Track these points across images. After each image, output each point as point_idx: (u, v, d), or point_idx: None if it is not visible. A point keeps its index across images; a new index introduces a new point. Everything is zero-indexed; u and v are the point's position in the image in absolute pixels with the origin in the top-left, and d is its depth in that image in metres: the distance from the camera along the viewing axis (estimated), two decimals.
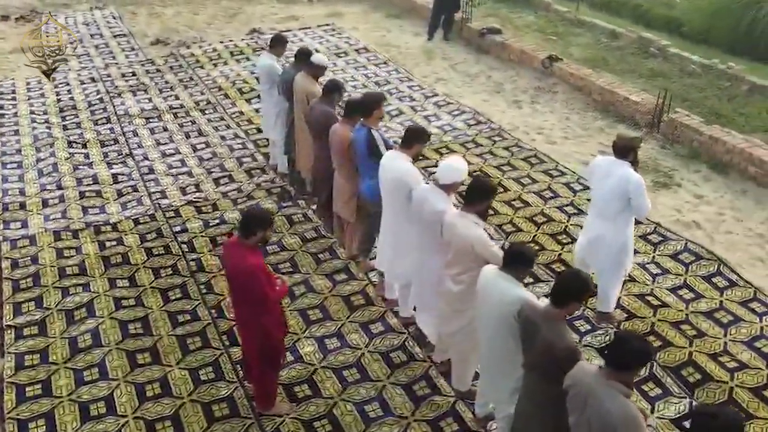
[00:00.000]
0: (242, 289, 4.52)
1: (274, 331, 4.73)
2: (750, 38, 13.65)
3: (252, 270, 4.43)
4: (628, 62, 11.83)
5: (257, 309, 4.58)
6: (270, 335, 4.70)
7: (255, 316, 4.61)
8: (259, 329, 4.65)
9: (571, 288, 3.79)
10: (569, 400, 3.62)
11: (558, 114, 9.71)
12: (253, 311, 4.60)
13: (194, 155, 8.78)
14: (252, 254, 4.50)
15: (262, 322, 4.63)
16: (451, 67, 11.41)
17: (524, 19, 13.88)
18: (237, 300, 4.68)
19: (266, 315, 4.65)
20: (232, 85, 10.76)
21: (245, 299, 4.55)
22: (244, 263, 4.44)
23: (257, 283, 4.46)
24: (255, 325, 4.64)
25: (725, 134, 8.39)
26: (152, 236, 7.14)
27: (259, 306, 4.56)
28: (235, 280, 4.56)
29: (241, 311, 4.70)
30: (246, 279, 4.45)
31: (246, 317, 4.67)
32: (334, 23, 13.40)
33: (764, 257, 6.83)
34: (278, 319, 4.78)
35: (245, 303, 4.58)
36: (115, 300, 6.20)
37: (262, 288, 4.48)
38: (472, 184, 4.74)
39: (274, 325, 4.73)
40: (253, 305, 4.56)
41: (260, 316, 4.61)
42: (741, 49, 13.56)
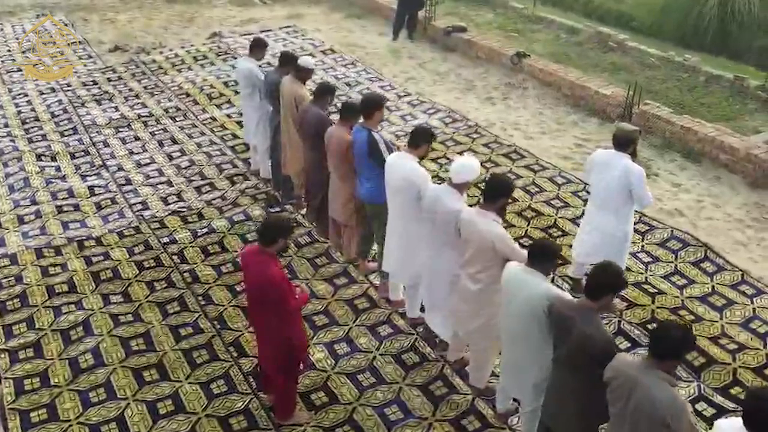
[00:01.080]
0: (264, 299, 4.43)
1: (296, 339, 4.67)
2: (697, 31, 14.18)
3: (275, 279, 4.36)
4: (590, 57, 12.10)
5: (279, 318, 4.51)
6: (292, 344, 4.64)
7: (277, 326, 4.54)
8: (282, 338, 4.58)
9: (605, 281, 3.86)
10: (612, 392, 3.69)
11: (531, 109, 9.87)
12: (275, 320, 4.52)
13: (171, 164, 8.57)
14: (273, 263, 4.44)
15: (285, 331, 4.56)
16: (420, 66, 11.46)
17: (483, 17, 14.04)
18: (258, 309, 4.59)
19: (288, 324, 4.58)
20: (200, 90, 10.54)
21: (267, 308, 4.47)
22: (267, 272, 4.37)
23: (280, 292, 4.39)
24: (277, 335, 4.57)
25: (696, 124, 8.68)
26: (140, 249, 6.94)
27: (281, 315, 4.50)
28: (256, 290, 4.47)
29: (262, 321, 4.61)
30: (268, 288, 4.37)
31: (267, 327, 4.59)
32: (295, 25, 13.29)
33: (745, 241, 7.10)
34: (300, 328, 4.72)
35: (267, 312, 4.50)
36: (112, 316, 6.00)
37: (285, 297, 4.41)
38: (490, 181, 4.78)
39: (296, 333, 4.67)
40: (275, 314, 4.49)
41: (282, 325, 4.54)
42: (689, 41, 14.09)
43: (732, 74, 11.08)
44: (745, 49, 13.89)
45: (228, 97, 10.32)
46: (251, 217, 7.36)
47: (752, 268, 6.64)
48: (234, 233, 7.15)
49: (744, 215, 7.49)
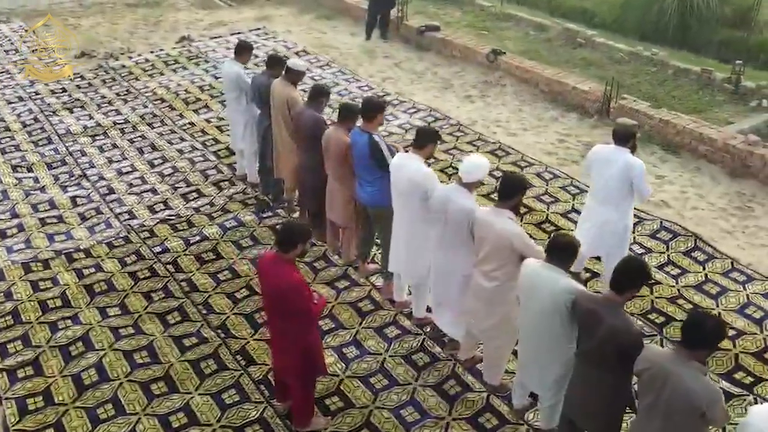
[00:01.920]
0: (284, 305, 4.38)
1: (315, 345, 4.64)
2: (658, 26, 14.51)
3: (296, 285, 4.32)
4: (560, 53, 12.27)
5: (299, 324, 4.47)
6: (312, 350, 4.61)
7: (297, 332, 4.49)
8: (302, 344, 4.54)
9: (631, 274, 3.92)
10: (644, 383, 3.74)
11: (510, 106, 9.96)
12: (296, 327, 4.48)
13: (153, 171, 8.40)
14: (292, 269, 4.39)
15: (305, 337, 4.53)
16: (396, 66, 11.47)
17: (452, 15, 14.12)
18: (277, 316, 4.53)
19: (308, 329, 4.55)
20: (175, 96, 10.35)
21: (287, 315, 4.42)
22: (287, 278, 4.32)
23: (301, 298, 4.35)
24: (297, 341, 4.52)
25: (673, 116, 8.90)
26: (132, 259, 6.79)
27: (301, 321, 4.45)
28: (276, 297, 4.41)
29: (281, 328, 4.55)
30: (289, 295, 4.32)
31: (287, 334, 4.53)
32: (265, 27, 13.15)
33: (730, 229, 7.30)
34: (317, 333, 4.68)
35: (287, 319, 4.44)
36: (112, 330, 5.86)
37: (306, 303, 4.37)
38: (504, 180, 4.81)
39: (314, 339, 4.64)
40: (295, 321, 4.44)
41: (303, 331, 4.50)
42: (650, 36, 14.40)
43: (699, 67, 11.39)
44: (705, 43, 14.25)
45: (205, 101, 10.16)
46: (243, 223, 7.27)
47: (740, 255, 6.83)
48: (227, 240, 7.05)
49: (727, 204, 7.70)
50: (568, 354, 4.45)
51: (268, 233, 7.12)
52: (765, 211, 7.60)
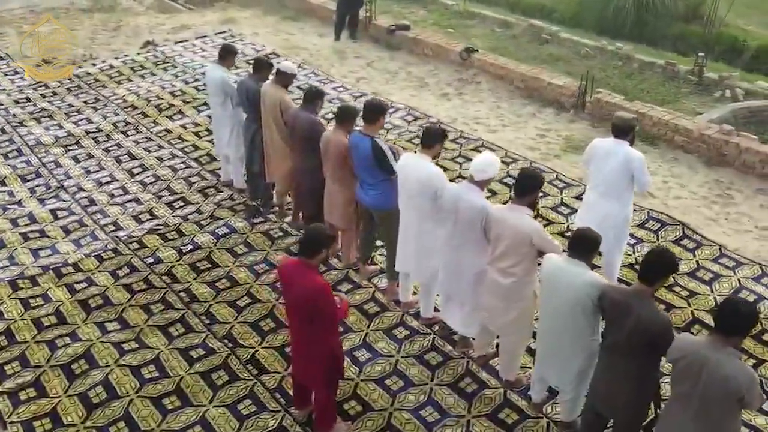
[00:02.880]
0: (310, 311, 4.31)
1: (338, 350, 4.60)
2: (616, 21, 14.87)
3: (322, 290, 4.28)
4: (527, 49, 12.46)
5: (325, 329, 4.43)
6: (336, 355, 4.57)
7: (323, 337, 4.45)
8: (327, 349, 4.49)
9: (661, 266, 4.00)
10: (679, 372, 3.80)
11: (488, 103, 10.06)
12: (321, 332, 4.43)
13: (134, 180, 8.18)
14: (317, 274, 4.34)
15: (330, 342, 4.49)
16: (369, 66, 11.45)
17: (417, 14, 14.18)
18: (302, 323, 4.45)
19: (332, 335, 4.51)
20: (147, 102, 10.10)
21: (313, 321, 4.36)
22: (312, 284, 4.27)
23: (328, 303, 4.31)
24: (322, 346, 4.48)
25: (649, 108, 9.12)
26: (125, 272, 6.60)
27: (327, 326, 4.41)
28: (301, 303, 4.33)
29: (306, 334, 4.48)
30: (316, 300, 4.27)
31: (313, 339, 4.47)
32: (231, 30, 12.96)
33: (714, 216, 7.53)
34: (339, 337, 4.64)
35: (312, 325, 4.38)
36: (115, 345, 5.68)
37: (332, 308, 4.34)
38: (521, 176, 4.84)
39: (338, 344, 4.61)
40: (321, 326, 4.40)
41: (328, 336, 4.47)
42: (609, 31, 14.72)
43: (663, 60, 11.71)
44: (661, 37, 14.67)
45: (178, 107, 9.95)
46: (236, 230, 7.15)
47: (727, 241, 7.05)
48: (221, 247, 6.92)
49: (707, 192, 7.93)
50: (590, 347, 4.52)
51: (262, 239, 7.02)
52: (744, 197, 7.86)
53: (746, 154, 8.19)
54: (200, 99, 10.14)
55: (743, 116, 9.83)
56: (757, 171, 8.13)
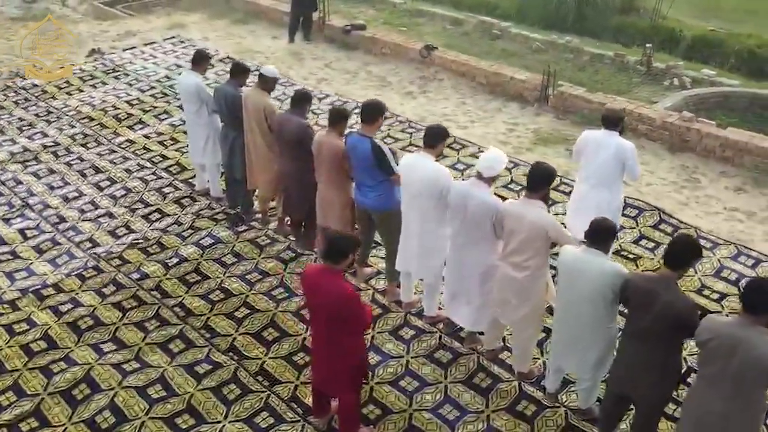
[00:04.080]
0: (340, 317, 4.26)
1: (365, 353, 4.58)
2: (558, 15, 15.25)
3: (351, 296, 4.25)
4: (480, 45, 12.65)
5: (354, 335, 4.40)
6: (363, 359, 4.55)
7: (351, 343, 4.42)
8: (354, 354, 4.47)
9: (686, 251, 4.12)
10: (708, 353, 3.92)
11: (453, 100, 10.14)
12: (349, 338, 4.39)
13: (103, 194, 7.88)
14: (344, 280, 4.31)
15: (357, 346, 4.47)
16: (327, 67, 11.37)
17: (366, 13, 14.19)
18: (330, 328, 4.37)
19: (360, 339, 4.48)
20: (104, 113, 9.74)
21: (342, 326, 4.31)
22: (341, 290, 4.23)
23: (357, 307, 4.28)
24: (350, 351, 4.45)
25: (611, 99, 9.39)
26: (111, 289, 6.36)
27: (356, 330, 4.38)
28: (329, 309, 4.26)
29: (333, 340, 4.41)
30: (346, 305, 4.23)
31: (340, 345, 4.41)
32: (179, 35, 12.63)
33: (685, 200, 7.82)
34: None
35: (341, 330, 4.33)
36: (115, 367, 5.46)
37: (362, 313, 4.31)
38: (534, 170, 4.90)
39: (364, 347, 4.58)
40: (350, 332, 4.36)
41: (356, 340, 4.45)
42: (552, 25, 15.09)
43: (612, 52, 12.09)
44: (601, 30, 15.12)
45: (138, 117, 9.63)
46: (221, 240, 6.98)
47: (701, 223, 7.34)
48: (208, 258, 6.74)
49: (676, 177, 8.24)
50: (608, 334, 4.64)
51: (249, 248, 6.87)
52: (709, 180, 8.20)
53: (707, 139, 8.54)
54: (160, 107, 9.86)
55: (694, 103, 10.26)
56: (718, 155, 8.49)
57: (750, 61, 13.22)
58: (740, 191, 7.99)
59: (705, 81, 11.11)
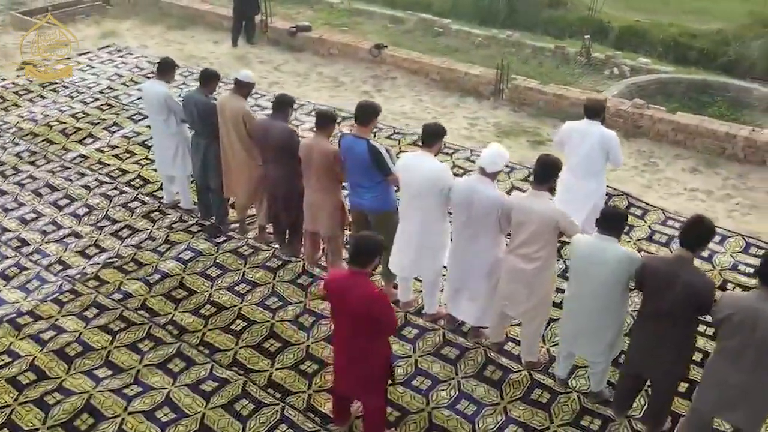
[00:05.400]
0: (369, 320, 4.21)
1: (391, 356, 4.56)
2: (490, 10, 15.59)
3: (382, 299, 4.22)
4: (423, 42, 12.75)
5: (382, 337, 4.37)
6: (389, 360, 4.53)
7: (379, 346, 4.40)
8: (382, 358, 4.45)
9: (704, 232, 4.29)
10: (729, 328, 4.09)
11: (409, 97, 10.18)
12: (378, 340, 4.37)
13: (64, 213, 7.50)
14: (372, 283, 4.26)
15: (385, 349, 4.46)
16: (276, 69, 11.19)
17: (304, 14, 14.05)
18: (356, 333, 4.30)
19: (387, 341, 4.47)
20: (49, 128, 9.25)
21: (371, 329, 4.27)
22: (370, 293, 4.19)
23: (387, 309, 4.27)
24: (378, 355, 4.42)
25: (564, 90, 9.66)
26: (94, 312, 6.05)
27: (385, 333, 4.36)
28: (359, 312, 4.18)
29: (361, 344, 4.35)
30: (375, 308, 4.19)
31: (368, 349, 4.37)
32: (114, 44, 12.14)
33: (648, 184, 8.14)
34: None
35: (369, 333, 4.29)
36: (116, 393, 5.20)
37: (392, 316, 4.29)
38: (541, 163, 4.96)
39: (390, 350, 4.56)
40: (379, 334, 4.34)
41: (384, 343, 4.44)
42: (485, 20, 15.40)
43: (552, 45, 12.44)
44: (533, 24, 15.53)
45: (87, 130, 9.20)
46: (201, 252, 6.76)
47: (666, 205, 7.65)
48: (191, 272, 6.52)
49: (635, 162, 8.56)
50: (621, 318, 4.81)
51: (233, 258, 6.68)
52: (666, 163, 8.57)
53: (659, 124, 8.92)
54: (108, 119, 9.46)
55: (635, 91, 10.69)
56: (670, 138, 8.89)
57: (675, 49, 13.88)
58: (696, 172, 8.39)
59: (642, 69, 11.58)
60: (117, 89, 10.40)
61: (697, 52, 13.58)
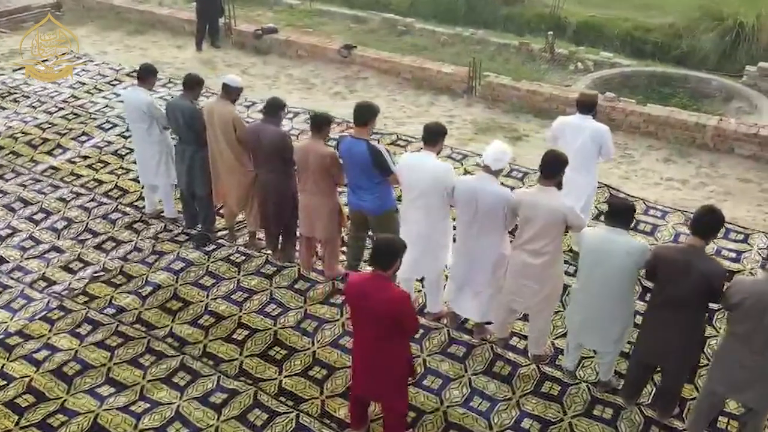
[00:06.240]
0: (394, 321, 4.19)
1: (411, 357, 4.57)
2: (449, 8, 15.71)
3: (406, 300, 4.21)
4: (388, 41, 12.74)
5: (404, 338, 4.38)
6: (411, 361, 4.55)
7: (402, 347, 4.41)
8: (405, 359, 4.46)
9: (716, 221, 4.40)
10: (741, 313, 4.20)
11: (384, 98, 10.16)
12: (401, 342, 4.37)
13: (41, 228, 7.24)
14: (394, 285, 4.24)
15: (407, 350, 4.47)
16: (245, 73, 11.02)
17: (264, 16, 13.89)
18: (379, 335, 4.27)
19: (408, 343, 4.46)
20: (14, 140, 8.91)
21: (394, 331, 4.25)
22: (394, 295, 4.19)
23: (411, 309, 4.28)
24: (401, 356, 4.43)
25: (538, 86, 9.80)
26: (87, 329, 5.86)
27: (407, 334, 4.36)
28: (384, 314, 4.15)
29: (385, 346, 4.32)
30: (400, 309, 4.18)
31: (391, 350, 4.35)
32: (72, 51, 11.76)
33: (626, 175, 8.33)
34: None
35: (393, 335, 4.27)
36: (123, 410, 5.05)
37: (415, 314, 4.30)
38: (548, 158, 5.00)
39: (410, 351, 4.57)
40: (402, 335, 4.34)
41: (406, 345, 4.45)
42: (444, 17, 15.51)
43: (517, 41, 12.60)
44: (492, 20, 15.73)
45: (55, 140, 8.90)
46: (192, 262, 6.61)
47: (646, 194, 7.84)
48: (185, 283, 6.37)
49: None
50: (630, 308, 4.92)
51: (225, 266, 6.56)
52: (641, 154, 8.78)
53: (631, 116, 9.14)
54: (76, 129, 9.18)
55: (601, 84, 10.93)
56: (642, 130, 9.11)
57: (631, 43, 14.25)
58: (669, 162, 8.62)
59: (606, 63, 11.84)
60: (81, 97, 10.09)
61: (652, 46, 13.98)
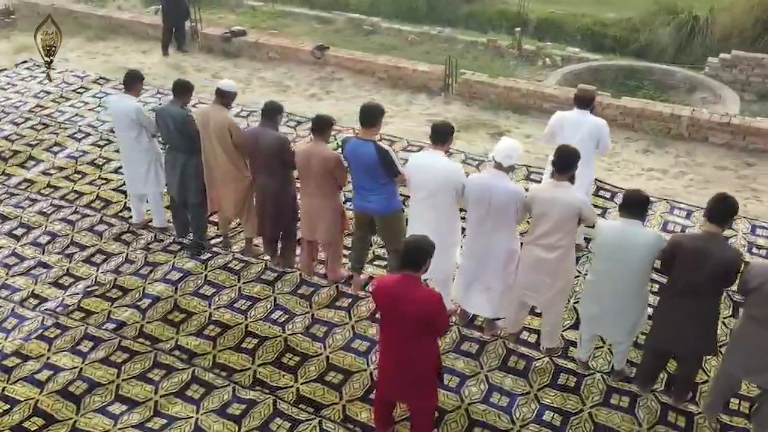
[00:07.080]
0: (426, 322, 4.17)
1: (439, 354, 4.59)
2: (410, 6, 15.76)
3: (439, 300, 4.18)
4: (356, 42, 12.72)
5: (435, 338, 4.39)
6: (439, 360, 4.57)
7: (432, 347, 4.40)
8: (436, 359, 4.46)
9: (730, 209, 4.51)
10: (764, 295, 4.30)
11: (362, 98, 10.05)
12: (432, 342, 4.36)
13: (24, 243, 6.96)
14: (425, 285, 4.23)
15: (437, 350, 4.49)
16: (215, 77, 10.78)
17: (227, 18, 13.68)
18: (409, 336, 4.24)
19: (437, 343, 4.47)
20: None
21: (427, 332, 4.23)
22: (427, 296, 4.17)
23: (443, 309, 4.24)
24: (433, 356, 4.43)
25: (515, 83, 9.90)
26: (88, 345, 5.66)
27: (439, 334, 4.38)
28: (417, 315, 4.11)
29: (417, 347, 4.29)
30: (434, 309, 4.15)
31: (423, 351, 4.33)
32: (32, 59, 11.33)
33: (609, 167, 8.47)
34: None
35: (425, 336, 4.26)
36: (139, 428, 4.89)
37: (446, 313, 4.29)
38: (561, 154, 5.04)
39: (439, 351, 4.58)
40: (434, 335, 4.34)
41: (436, 345, 4.45)
42: (405, 16, 15.56)
43: (485, 38, 12.73)
44: (454, 18, 15.84)
45: (26, 152, 8.56)
46: (189, 272, 6.46)
47: (630, 185, 7.95)
48: (184, 293, 6.22)
49: None
50: (645, 298, 5.02)
51: (225, 275, 6.43)
52: (620, 146, 8.94)
53: (608, 109, 9.30)
54: (48, 139, 8.86)
55: (572, 78, 11.12)
56: (619, 122, 9.29)
57: (591, 38, 14.55)
58: (648, 153, 8.83)
59: (573, 58, 12.07)
60: (48, 107, 9.74)
61: (611, 40, 14.29)
